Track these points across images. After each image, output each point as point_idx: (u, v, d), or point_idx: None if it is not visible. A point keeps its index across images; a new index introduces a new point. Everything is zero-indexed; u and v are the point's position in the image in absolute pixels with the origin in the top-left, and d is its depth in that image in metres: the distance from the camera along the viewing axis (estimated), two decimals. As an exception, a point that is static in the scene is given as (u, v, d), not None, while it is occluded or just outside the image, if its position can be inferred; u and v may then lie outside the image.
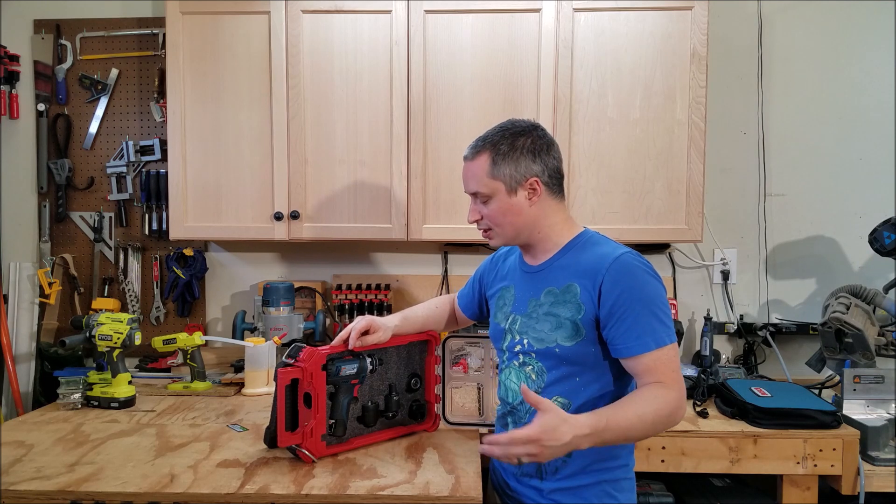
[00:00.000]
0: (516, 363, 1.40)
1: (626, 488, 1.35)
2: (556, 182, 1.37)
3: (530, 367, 1.37)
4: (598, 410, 1.19)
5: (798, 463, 1.74)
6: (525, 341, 1.37)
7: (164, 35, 2.35)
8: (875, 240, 1.98)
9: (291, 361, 1.43)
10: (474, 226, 2.06)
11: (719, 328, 2.36)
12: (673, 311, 2.29)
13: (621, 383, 1.33)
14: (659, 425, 1.22)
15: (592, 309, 1.28)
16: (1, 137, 2.44)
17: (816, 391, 2.05)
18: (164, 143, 2.38)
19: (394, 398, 1.60)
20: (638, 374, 1.26)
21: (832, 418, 1.76)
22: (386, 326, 1.53)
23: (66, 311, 2.45)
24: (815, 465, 1.74)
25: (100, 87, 2.42)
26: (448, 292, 2.45)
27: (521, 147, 1.33)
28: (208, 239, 2.39)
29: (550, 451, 1.12)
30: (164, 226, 2.40)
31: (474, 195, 1.38)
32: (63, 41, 2.43)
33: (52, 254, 2.45)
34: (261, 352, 2.03)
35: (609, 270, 1.26)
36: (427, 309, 1.70)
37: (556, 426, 1.12)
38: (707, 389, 1.99)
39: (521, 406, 1.38)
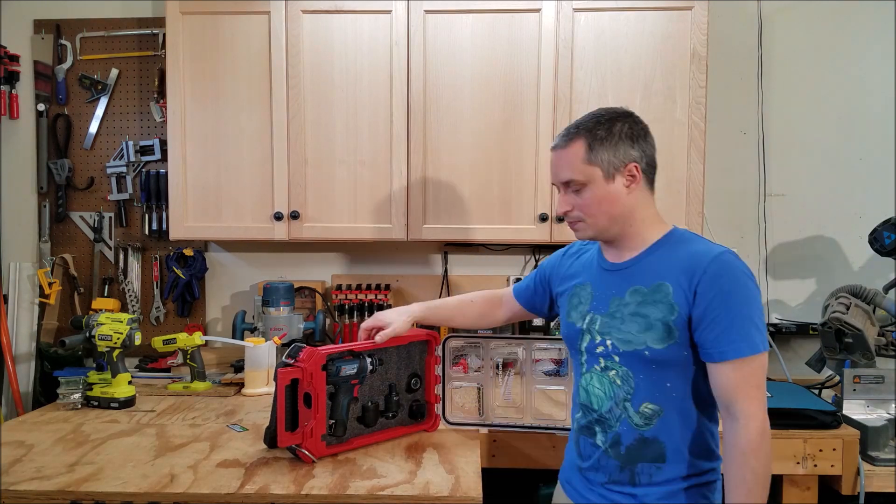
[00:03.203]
0: (598, 367, 1.30)
1: (717, 489, 1.29)
2: (651, 172, 1.30)
3: (614, 371, 1.27)
4: None
5: (798, 463, 1.74)
6: (609, 342, 1.28)
7: (164, 35, 2.35)
8: (875, 240, 1.98)
9: (291, 361, 1.43)
10: (474, 226, 2.11)
11: (719, 328, 2.36)
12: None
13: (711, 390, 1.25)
14: (767, 460, 1.18)
15: (686, 309, 1.20)
16: (1, 137, 2.44)
17: (816, 391, 2.05)
18: (164, 143, 2.38)
19: (394, 398, 1.60)
20: (718, 386, 1.19)
21: (832, 418, 1.76)
22: (389, 320, 1.56)
23: (66, 311, 2.45)
24: (815, 465, 1.74)
25: (100, 87, 2.42)
26: (448, 292, 2.45)
27: (618, 132, 1.26)
28: (208, 239, 2.39)
29: None
30: (164, 226, 2.40)
31: (566, 184, 1.29)
32: (63, 41, 2.43)
33: (52, 254, 2.45)
34: (261, 352, 2.03)
35: (708, 269, 1.19)
36: (460, 300, 1.67)
37: None
38: (707, 389, 1.99)
39: (609, 414, 1.28)
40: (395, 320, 1.56)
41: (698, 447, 1.25)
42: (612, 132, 1.26)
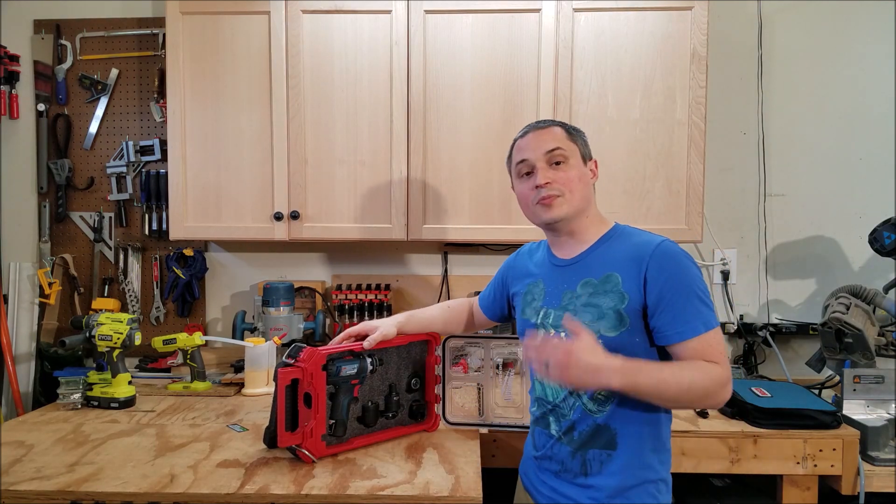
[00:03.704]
0: None
1: (664, 490, 1.32)
2: None
3: None
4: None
5: (798, 463, 1.74)
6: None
7: (164, 35, 2.35)
8: (875, 240, 1.98)
9: (291, 361, 1.43)
10: (474, 226, 2.10)
11: (719, 328, 2.36)
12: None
13: None
14: (696, 394, 1.19)
15: (638, 297, 1.26)
16: (1, 137, 2.44)
17: (816, 391, 2.05)
18: (164, 144, 2.38)
19: (394, 398, 1.60)
20: (686, 359, 1.23)
21: (832, 418, 1.76)
22: (377, 326, 1.55)
23: (66, 311, 2.45)
24: (815, 465, 1.74)
25: (100, 87, 2.43)
26: (448, 292, 2.45)
27: (581, 132, 1.42)
28: (208, 239, 2.39)
29: (579, 368, 1.14)
30: (164, 226, 2.40)
31: (550, 155, 1.34)
32: (63, 41, 2.43)
33: (52, 254, 2.45)
34: (261, 352, 2.03)
35: (653, 257, 1.26)
36: (439, 309, 1.69)
37: (593, 346, 1.16)
38: (707, 389, 1.99)
39: (563, 403, 1.34)
40: (382, 324, 1.57)
41: (650, 438, 1.30)
42: (578, 130, 1.42)
